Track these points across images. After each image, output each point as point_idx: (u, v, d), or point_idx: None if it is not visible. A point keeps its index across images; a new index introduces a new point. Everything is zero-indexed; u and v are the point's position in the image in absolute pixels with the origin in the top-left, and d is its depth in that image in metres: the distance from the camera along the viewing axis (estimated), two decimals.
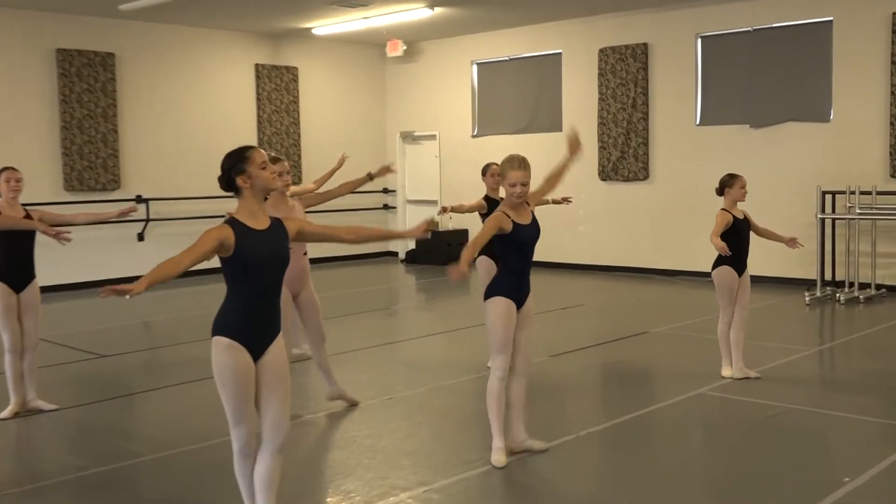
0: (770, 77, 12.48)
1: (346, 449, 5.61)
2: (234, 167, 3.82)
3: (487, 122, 15.77)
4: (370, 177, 6.95)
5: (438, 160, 16.55)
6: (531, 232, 5.17)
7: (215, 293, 3.79)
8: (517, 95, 15.27)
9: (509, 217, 5.09)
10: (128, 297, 3.36)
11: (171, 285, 13.07)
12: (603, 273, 13.89)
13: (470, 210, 7.59)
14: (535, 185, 5.26)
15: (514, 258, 5.16)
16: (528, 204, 5.20)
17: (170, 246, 13.97)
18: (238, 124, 15.00)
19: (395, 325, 10.52)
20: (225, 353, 3.75)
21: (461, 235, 15.74)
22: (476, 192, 8.14)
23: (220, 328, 3.78)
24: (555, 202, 8.23)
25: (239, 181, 3.82)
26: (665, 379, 7.41)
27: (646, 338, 9.03)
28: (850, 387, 7.17)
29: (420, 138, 16.95)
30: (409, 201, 17.20)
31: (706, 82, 13.16)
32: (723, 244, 6.60)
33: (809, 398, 6.67)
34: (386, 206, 17.15)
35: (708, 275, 12.94)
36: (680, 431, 5.95)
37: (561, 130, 14.54)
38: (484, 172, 7.56)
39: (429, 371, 7.71)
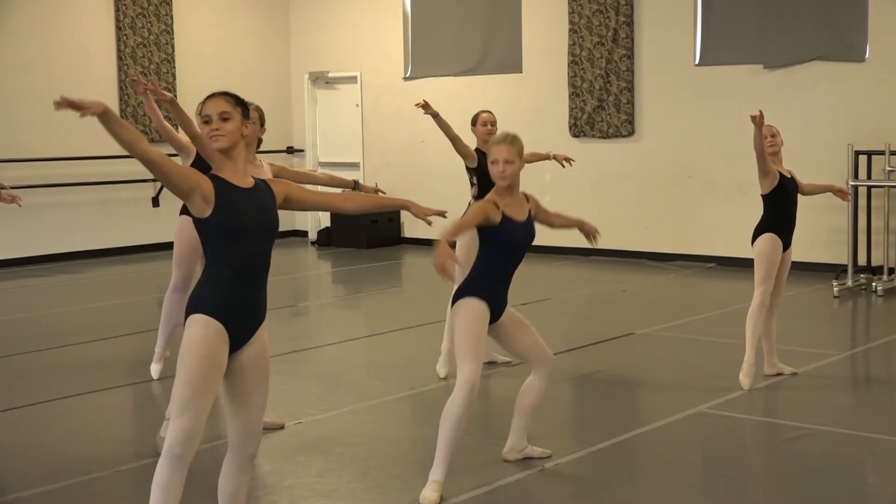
0: (789, 3, 12.64)
1: None
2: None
3: (425, 59, 15.73)
4: (356, 186, 7.04)
5: (360, 110, 16.48)
6: (523, 232, 5.43)
7: (64, 287, 3.72)
8: (463, 24, 15.24)
9: (498, 207, 5.35)
10: (79, 115, 3.69)
11: (22, 275, 12.88)
12: (575, 258, 13.99)
13: (455, 140, 7.77)
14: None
15: (497, 260, 5.42)
16: (527, 199, 5.54)
17: (3, 229, 13.72)
18: (91, 61, 14.73)
19: (303, 327, 10.47)
20: (198, 327, 4.02)
21: (390, 211, 15.68)
22: (412, 151, 8.18)
23: (196, 305, 4.08)
24: (555, 158, 8.66)
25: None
26: (655, 394, 7.50)
27: (631, 341, 9.13)
28: (891, 402, 7.34)
29: (336, 81, 16.85)
30: (322, 164, 17.11)
31: (708, 9, 13.29)
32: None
33: (840, 417, 6.81)
34: None
35: (711, 259, 13.22)
36: (673, 462, 6.02)
37: (521, 71, 14.58)
38: (474, 122, 8.09)
39: (348, 388, 7.69)
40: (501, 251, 5.40)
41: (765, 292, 7.29)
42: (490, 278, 5.40)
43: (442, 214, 4.80)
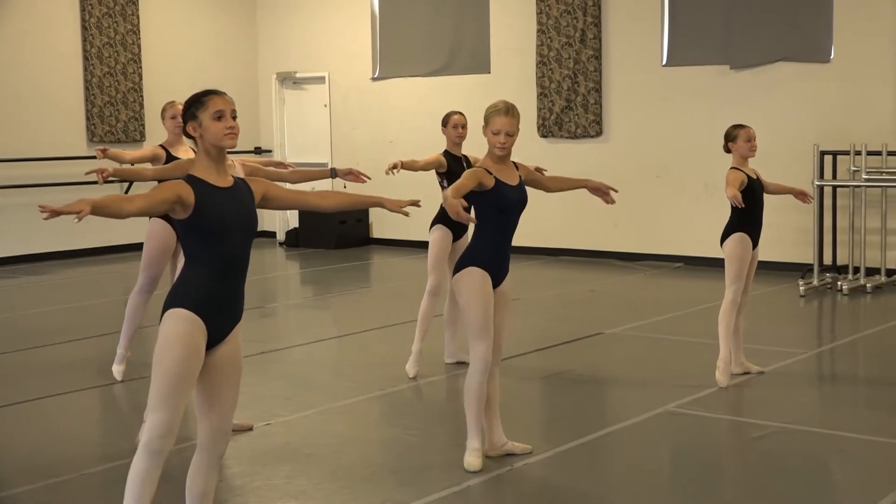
0: (755, 4, 12.73)
1: None
2: (188, 111, 4.25)
3: (393, 59, 15.72)
4: (333, 174, 7.06)
5: (328, 110, 16.45)
6: (516, 196, 5.67)
7: (32, 288, 3.72)
8: (432, 25, 15.25)
9: (491, 173, 5.59)
10: (76, 220, 3.72)
11: None
12: (544, 257, 14.02)
13: (425, 167, 7.97)
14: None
15: (493, 225, 5.65)
16: (516, 167, 5.79)
17: None
18: (57, 61, 14.64)
19: (272, 328, 10.45)
20: (178, 322, 4.09)
21: (358, 211, 15.69)
22: (381, 151, 8.20)
23: (175, 300, 4.14)
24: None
25: (189, 128, 4.25)
26: (623, 393, 7.53)
27: (599, 340, 9.16)
28: (856, 399, 7.41)
29: (304, 81, 16.82)
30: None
31: (675, 10, 13.36)
32: (737, 193, 7.04)
33: (806, 415, 6.87)
34: None
35: (679, 259, 13.29)
36: (642, 460, 6.05)
37: (489, 71, 14.61)
38: (445, 123, 8.06)
39: (317, 389, 7.68)
40: (497, 214, 5.63)
41: (737, 290, 7.40)
42: (489, 246, 5.66)
43: (416, 203, 4.79)
